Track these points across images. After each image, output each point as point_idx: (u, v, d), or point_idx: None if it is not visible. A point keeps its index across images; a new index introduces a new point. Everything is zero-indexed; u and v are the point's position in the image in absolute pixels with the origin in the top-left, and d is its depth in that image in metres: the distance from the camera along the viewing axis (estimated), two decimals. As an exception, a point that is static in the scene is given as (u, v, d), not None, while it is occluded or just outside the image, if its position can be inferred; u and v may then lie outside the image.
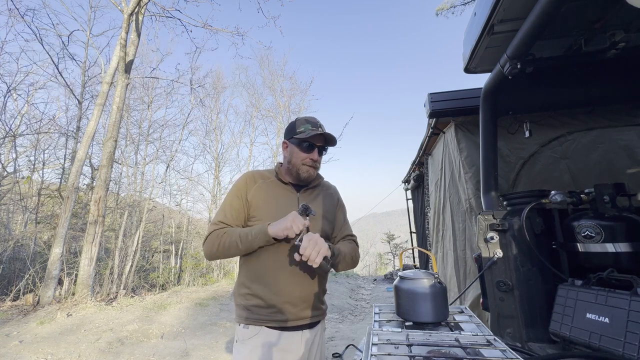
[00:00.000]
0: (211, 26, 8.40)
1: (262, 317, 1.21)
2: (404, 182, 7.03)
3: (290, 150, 1.34)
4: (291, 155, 1.33)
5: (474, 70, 1.95)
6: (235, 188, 1.32)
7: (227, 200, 1.32)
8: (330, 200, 1.44)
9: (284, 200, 1.31)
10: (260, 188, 1.31)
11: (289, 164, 1.34)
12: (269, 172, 1.39)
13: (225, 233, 1.21)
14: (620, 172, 2.45)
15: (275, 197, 1.31)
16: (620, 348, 1.04)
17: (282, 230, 1.10)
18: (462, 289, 2.77)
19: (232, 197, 1.31)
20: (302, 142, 1.30)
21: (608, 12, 1.43)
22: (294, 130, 1.33)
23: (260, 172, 1.39)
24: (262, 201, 1.28)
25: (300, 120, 1.35)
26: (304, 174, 1.32)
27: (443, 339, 0.94)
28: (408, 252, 8.67)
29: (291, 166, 1.33)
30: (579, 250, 1.34)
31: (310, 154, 1.31)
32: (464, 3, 8.66)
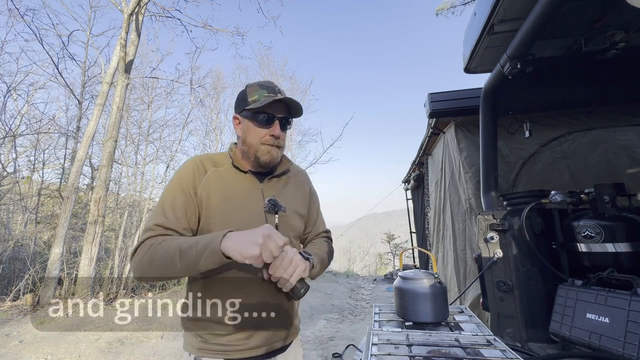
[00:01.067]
0: (211, 26, 8.40)
1: (223, 346, 0.94)
2: (404, 182, 7.04)
3: (244, 127, 1.03)
4: (246, 133, 1.02)
5: (474, 70, 1.95)
6: (178, 179, 0.98)
7: (167, 196, 0.95)
8: (301, 190, 1.16)
9: (245, 194, 1.00)
10: (213, 179, 0.99)
11: (244, 144, 1.03)
12: (222, 157, 1.07)
13: (162, 243, 0.85)
14: (620, 172, 2.45)
15: (234, 191, 0.99)
16: (620, 348, 1.04)
17: (247, 256, 0.76)
18: (462, 289, 2.77)
19: (175, 191, 0.95)
20: (258, 113, 0.99)
21: (608, 12, 1.44)
22: (245, 100, 1.02)
23: (211, 157, 1.05)
24: (217, 197, 0.96)
25: (252, 86, 1.04)
26: (264, 156, 1.01)
27: (443, 339, 0.94)
28: (408, 252, 8.68)
29: (247, 148, 1.02)
30: (579, 250, 1.34)
31: (269, 129, 1.00)
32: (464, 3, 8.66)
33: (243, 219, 0.95)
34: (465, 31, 1.87)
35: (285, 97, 1.01)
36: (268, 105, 0.99)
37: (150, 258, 0.85)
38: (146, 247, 0.86)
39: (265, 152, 1.01)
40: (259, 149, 1.01)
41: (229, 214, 0.95)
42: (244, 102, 1.03)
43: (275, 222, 1.00)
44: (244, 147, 1.04)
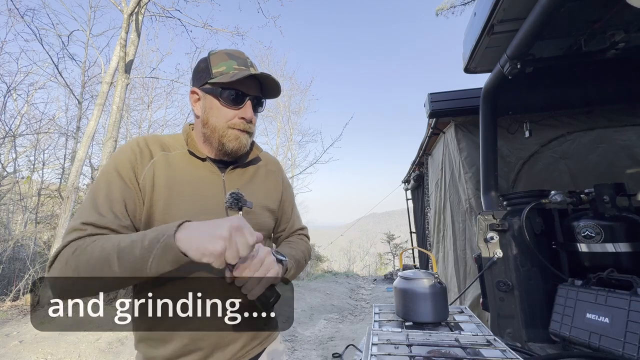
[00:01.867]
0: (211, 26, 8.40)
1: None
2: (404, 182, 7.04)
3: (206, 105, 0.83)
4: (208, 113, 0.82)
5: (474, 70, 1.95)
6: (115, 163, 0.77)
7: (100, 185, 0.75)
8: (272, 181, 0.98)
9: (202, 185, 0.82)
10: (160, 166, 0.79)
11: (205, 127, 0.83)
12: (174, 140, 0.87)
13: (91, 244, 0.65)
14: (620, 172, 2.45)
15: (187, 181, 0.81)
16: (620, 348, 1.04)
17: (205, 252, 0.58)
18: (462, 289, 2.77)
19: (110, 179, 0.75)
20: (225, 89, 0.80)
21: (608, 12, 1.44)
22: (207, 70, 0.82)
23: (159, 139, 0.85)
24: (164, 189, 0.77)
25: (217, 54, 0.84)
26: (231, 143, 0.83)
27: (443, 339, 0.94)
28: (408, 252, 8.68)
29: (209, 131, 0.83)
30: (579, 250, 1.34)
31: (239, 110, 0.82)
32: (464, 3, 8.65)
33: (197, 216, 0.72)
34: (465, 31, 1.87)
35: (261, 72, 0.82)
36: (239, 81, 0.80)
37: (75, 265, 0.62)
38: (69, 253, 0.64)
39: (232, 137, 0.83)
40: (225, 133, 0.82)
41: (178, 210, 0.76)
42: (206, 73, 0.82)
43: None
44: (205, 130, 0.84)
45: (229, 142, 0.83)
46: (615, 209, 1.32)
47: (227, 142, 0.83)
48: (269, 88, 0.87)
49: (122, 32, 6.89)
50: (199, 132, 0.87)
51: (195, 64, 0.88)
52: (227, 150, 0.84)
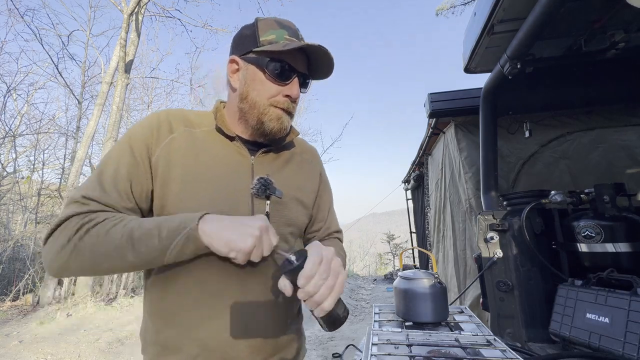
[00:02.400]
0: (211, 26, 8.41)
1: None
2: (404, 182, 7.04)
3: (247, 77, 0.72)
4: (249, 86, 0.72)
5: (474, 70, 1.95)
6: (129, 138, 0.70)
7: (109, 160, 0.68)
8: (308, 172, 0.87)
9: (227, 167, 0.72)
10: (180, 142, 0.70)
11: (243, 102, 0.73)
12: (202, 117, 0.78)
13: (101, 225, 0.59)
14: (620, 172, 2.45)
15: (211, 161, 0.71)
16: (620, 348, 1.04)
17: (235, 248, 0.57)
18: (462, 289, 2.77)
19: (121, 154, 0.68)
20: (274, 61, 0.70)
21: (608, 12, 1.43)
22: (254, 37, 0.71)
23: (184, 114, 0.76)
24: (181, 167, 0.68)
25: (265, 21, 0.73)
26: (271, 123, 0.73)
27: (443, 339, 0.94)
28: (408, 252, 8.68)
29: (248, 106, 0.73)
30: (579, 250, 1.34)
31: (286, 86, 0.72)
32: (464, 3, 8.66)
33: (219, 201, 0.67)
34: (465, 31, 1.87)
35: (318, 44, 0.69)
36: (289, 53, 0.70)
37: (81, 247, 0.58)
38: (72, 229, 0.59)
39: (274, 117, 0.73)
40: (266, 111, 0.72)
41: (196, 193, 0.67)
42: (251, 41, 0.71)
43: (265, 209, 0.72)
44: (243, 105, 0.73)
45: (270, 122, 0.73)
46: (615, 209, 1.32)
47: (267, 122, 0.73)
48: (320, 66, 0.76)
49: (122, 32, 6.89)
50: (233, 107, 0.76)
51: (239, 31, 0.76)
52: (265, 131, 0.74)
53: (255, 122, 0.74)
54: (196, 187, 0.68)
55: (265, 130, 0.74)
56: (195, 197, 0.67)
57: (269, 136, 0.76)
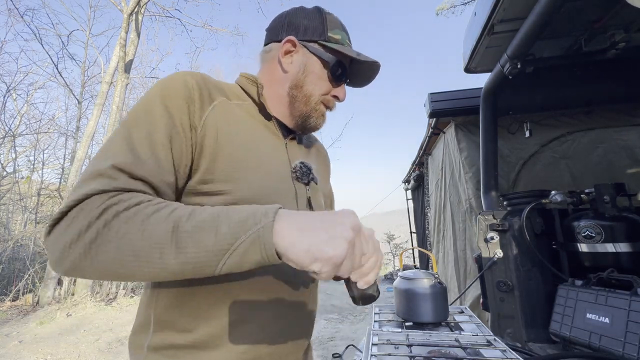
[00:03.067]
0: (211, 26, 8.42)
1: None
2: (404, 182, 7.04)
3: (308, 66, 0.70)
4: (306, 76, 0.70)
5: (474, 70, 1.95)
6: (163, 97, 0.56)
7: (139, 122, 0.54)
8: (325, 166, 0.91)
9: (267, 148, 0.67)
10: (224, 113, 0.62)
11: (296, 89, 0.70)
12: (231, 88, 0.69)
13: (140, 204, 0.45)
14: (620, 172, 2.45)
15: (258, 143, 0.65)
16: (620, 348, 1.04)
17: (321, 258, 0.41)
18: (462, 289, 2.77)
19: (156, 115, 0.55)
20: (339, 61, 0.70)
21: (608, 12, 1.43)
22: (323, 30, 0.70)
23: (215, 82, 0.66)
24: (229, 144, 0.59)
25: (333, 17, 0.73)
26: (317, 119, 0.73)
27: (443, 339, 0.93)
28: (408, 252, 8.68)
29: (301, 95, 0.70)
30: (579, 251, 1.34)
31: (338, 88, 0.74)
32: (464, 3, 8.66)
33: (268, 185, 0.61)
34: (465, 31, 1.87)
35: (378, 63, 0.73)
36: (346, 59, 0.72)
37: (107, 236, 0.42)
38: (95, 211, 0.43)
39: (320, 114, 0.73)
40: (316, 106, 0.72)
41: (247, 173, 0.59)
42: (319, 31, 0.70)
43: (306, 196, 0.69)
44: (295, 93, 0.70)
45: (316, 118, 0.73)
46: (615, 209, 1.31)
47: (314, 117, 0.73)
48: (361, 77, 0.77)
49: (122, 31, 6.89)
50: (279, 89, 0.72)
51: (298, 12, 0.73)
52: (307, 125, 0.73)
53: (301, 114, 0.72)
54: (246, 166, 0.59)
55: (307, 124, 0.73)
56: (246, 178, 0.58)
57: (307, 130, 0.75)
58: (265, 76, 0.74)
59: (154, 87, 0.59)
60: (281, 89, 0.72)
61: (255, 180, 0.60)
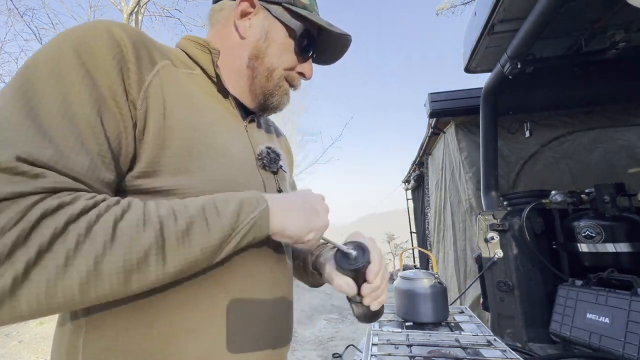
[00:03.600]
0: (211, 26, 8.40)
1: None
2: (405, 182, 7.04)
3: (270, 33, 0.58)
4: (268, 45, 0.58)
5: (474, 70, 1.95)
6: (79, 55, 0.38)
7: (47, 88, 0.35)
8: (287, 149, 0.78)
9: (230, 131, 0.55)
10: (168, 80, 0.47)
11: (256, 60, 0.58)
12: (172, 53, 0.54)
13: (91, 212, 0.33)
14: (620, 172, 2.45)
15: (214, 122, 0.53)
16: (620, 348, 1.04)
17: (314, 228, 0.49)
18: (462, 289, 2.77)
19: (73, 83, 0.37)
20: (307, 30, 0.59)
21: (608, 12, 1.43)
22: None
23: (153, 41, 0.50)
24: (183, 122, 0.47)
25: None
26: (280, 98, 0.62)
27: (443, 339, 0.93)
28: (408, 252, 8.68)
29: (263, 70, 0.58)
30: (580, 251, 1.34)
31: (305, 63, 0.62)
32: (464, 3, 8.66)
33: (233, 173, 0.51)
34: (465, 31, 1.87)
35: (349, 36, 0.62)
36: (314, 29, 0.61)
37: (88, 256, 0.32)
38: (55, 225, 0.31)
39: (283, 92, 0.62)
40: (280, 83, 0.60)
41: (205, 159, 0.47)
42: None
43: (276, 186, 0.60)
44: (256, 65, 0.58)
45: (278, 97, 0.61)
46: (615, 209, 1.31)
47: (276, 95, 0.61)
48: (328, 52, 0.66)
49: (122, 32, 6.89)
50: (235, 58, 0.58)
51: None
52: (268, 104, 0.61)
53: (263, 91, 0.60)
54: (204, 154, 0.47)
55: (269, 104, 0.61)
56: (204, 169, 0.47)
57: (268, 110, 0.63)
58: (216, 42, 0.58)
59: (60, 37, 0.39)
60: (238, 60, 0.58)
61: (216, 172, 0.48)
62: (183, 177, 0.45)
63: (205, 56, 0.57)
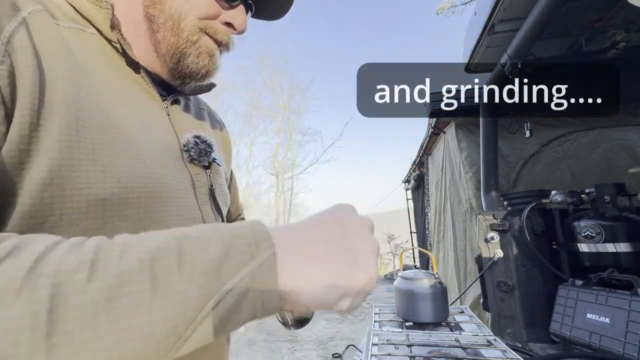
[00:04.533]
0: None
1: None
2: (405, 182, 7.04)
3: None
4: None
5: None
6: None
7: None
8: (222, 136, 0.64)
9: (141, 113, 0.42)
10: (43, 37, 0.32)
11: (153, 7, 0.43)
12: (59, 5, 0.38)
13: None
14: (621, 171, 2.45)
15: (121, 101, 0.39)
16: (620, 348, 1.04)
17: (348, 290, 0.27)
18: (462, 289, 2.77)
19: None
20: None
21: (608, 12, 1.43)
22: None
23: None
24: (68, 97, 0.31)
25: None
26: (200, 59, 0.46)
27: (443, 339, 0.93)
28: (408, 252, 8.68)
29: (163, 20, 0.43)
30: (580, 251, 1.34)
31: (231, 10, 0.47)
32: (464, 3, 8.66)
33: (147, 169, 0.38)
34: (465, 31, 1.87)
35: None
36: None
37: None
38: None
39: (204, 50, 0.46)
40: (194, 38, 0.45)
41: (110, 150, 0.35)
42: None
43: (207, 184, 0.49)
44: (154, 13, 0.43)
45: (194, 57, 0.45)
46: (615, 209, 1.31)
47: (191, 55, 0.45)
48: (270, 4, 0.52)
49: (123, 32, 6.90)
50: (131, 9, 0.44)
51: None
52: (181, 68, 0.46)
53: (169, 49, 0.44)
54: (108, 142, 0.35)
55: (182, 68, 0.46)
56: (109, 165, 0.34)
57: (186, 77, 0.47)
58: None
59: None
60: (133, 10, 0.43)
61: (119, 167, 0.34)
62: (79, 178, 0.31)
63: (99, 12, 0.40)
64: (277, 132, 15.50)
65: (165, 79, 0.48)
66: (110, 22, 0.40)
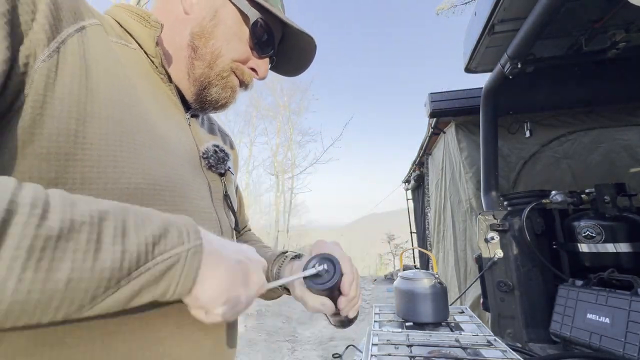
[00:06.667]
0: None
1: None
2: (405, 182, 7.04)
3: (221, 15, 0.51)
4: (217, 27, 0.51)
5: (474, 70, 1.95)
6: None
7: None
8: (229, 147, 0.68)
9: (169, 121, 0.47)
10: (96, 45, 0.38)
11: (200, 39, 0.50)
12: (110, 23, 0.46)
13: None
14: (621, 171, 2.45)
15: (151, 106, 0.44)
16: (620, 348, 1.04)
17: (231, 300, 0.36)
18: (462, 289, 2.77)
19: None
20: (265, 23, 0.52)
21: (608, 12, 1.43)
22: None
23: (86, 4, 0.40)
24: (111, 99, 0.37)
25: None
26: (223, 92, 0.53)
27: (443, 340, 0.93)
28: (408, 252, 8.68)
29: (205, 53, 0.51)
30: (580, 251, 1.34)
31: (260, 59, 0.55)
32: (465, 2, 8.65)
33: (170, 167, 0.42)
34: (465, 31, 1.87)
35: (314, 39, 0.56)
36: (278, 24, 0.55)
37: None
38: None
39: (229, 86, 0.53)
40: (225, 74, 0.52)
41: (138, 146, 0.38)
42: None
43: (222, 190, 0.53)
44: (199, 44, 0.50)
45: (219, 88, 0.52)
46: (616, 209, 1.31)
47: (217, 86, 0.52)
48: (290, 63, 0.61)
49: (123, 32, 6.91)
50: (175, 35, 0.50)
51: None
52: (206, 96, 0.52)
53: (201, 77, 0.51)
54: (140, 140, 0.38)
55: (206, 95, 0.52)
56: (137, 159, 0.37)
57: (206, 104, 0.53)
58: (157, 16, 0.49)
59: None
60: (178, 36, 0.50)
61: (152, 163, 0.39)
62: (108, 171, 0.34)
63: (144, 30, 0.47)
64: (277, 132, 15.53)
65: (185, 95, 0.54)
66: (156, 39, 0.47)
